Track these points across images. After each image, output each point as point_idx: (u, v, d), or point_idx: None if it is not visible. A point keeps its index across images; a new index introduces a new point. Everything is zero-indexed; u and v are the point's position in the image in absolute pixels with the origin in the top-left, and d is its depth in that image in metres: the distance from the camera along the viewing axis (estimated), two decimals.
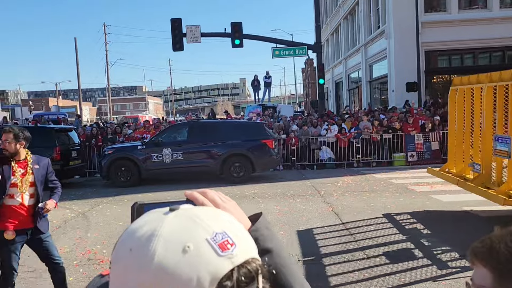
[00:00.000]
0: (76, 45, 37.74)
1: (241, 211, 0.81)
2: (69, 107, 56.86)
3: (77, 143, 13.42)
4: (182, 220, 0.62)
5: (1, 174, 4.04)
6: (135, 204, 0.79)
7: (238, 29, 18.54)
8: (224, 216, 0.67)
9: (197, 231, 0.60)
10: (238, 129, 12.73)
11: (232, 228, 0.64)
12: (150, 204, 0.78)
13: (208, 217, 0.63)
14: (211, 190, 0.81)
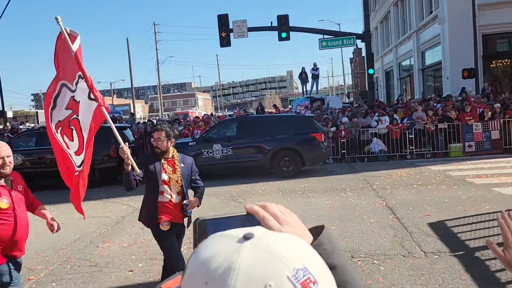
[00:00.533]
0: (128, 46, 39.04)
1: (302, 225, 0.78)
2: (123, 105, 59.01)
3: (131, 140, 13.91)
4: (259, 251, 0.57)
5: (153, 171, 4.24)
6: (197, 220, 0.79)
7: (285, 22, 18.42)
8: (302, 246, 0.62)
9: (277, 266, 0.55)
10: (287, 123, 12.69)
11: (312, 261, 0.59)
12: (213, 220, 0.77)
13: (286, 248, 0.58)
14: (271, 203, 0.78)
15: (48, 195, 11.36)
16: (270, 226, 0.73)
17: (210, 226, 0.77)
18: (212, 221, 0.77)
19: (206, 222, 0.77)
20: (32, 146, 12.77)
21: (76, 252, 6.26)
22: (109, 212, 8.92)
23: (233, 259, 0.56)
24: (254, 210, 0.75)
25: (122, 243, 6.58)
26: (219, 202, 9.15)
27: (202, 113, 35.77)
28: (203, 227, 0.77)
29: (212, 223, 0.77)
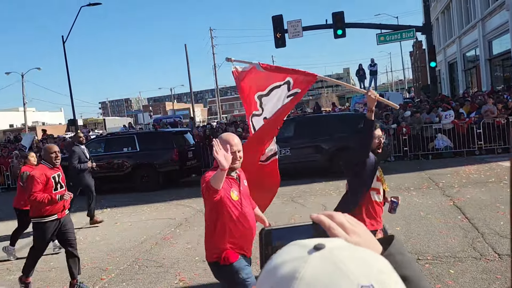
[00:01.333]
0: (187, 52, 40.19)
1: (370, 235, 0.75)
2: (183, 109, 60.82)
3: (192, 144, 14.29)
4: (326, 264, 0.57)
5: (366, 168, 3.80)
6: (262, 230, 0.79)
7: (340, 19, 18.12)
8: (374, 262, 0.60)
9: (340, 281, 0.55)
10: (345, 122, 12.46)
11: (382, 279, 0.56)
12: (278, 229, 0.77)
13: (355, 264, 0.57)
14: (338, 213, 0.76)
15: (115, 198, 11.95)
16: (337, 236, 0.72)
17: (275, 235, 0.77)
18: (277, 230, 0.77)
19: (271, 232, 0.77)
20: (101, 152, 13.46)
21: (143, 253, 6.52)
22: (173, 214, 9.21)
23: (299, 268, 0.57)
24: (320, 220, 0.73)
25: (186, 244, 6.76)
26: (279, 203, 9.16)
27: None
28: (268, 237, 0.77)
29: (277, 232, 0.77)
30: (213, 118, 53.61)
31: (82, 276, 5.75)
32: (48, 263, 6.54)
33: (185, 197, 10.91)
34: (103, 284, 5.44)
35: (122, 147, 13.24)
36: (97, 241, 7.57)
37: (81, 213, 10.35)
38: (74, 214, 10.28)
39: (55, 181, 5.43)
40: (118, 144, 13.45)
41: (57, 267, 6.32)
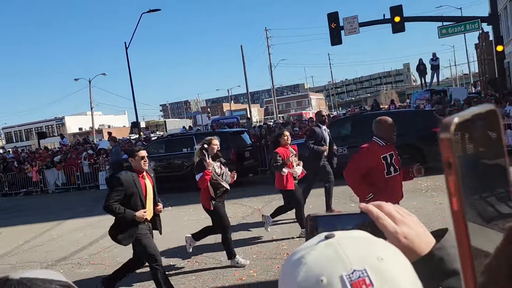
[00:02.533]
0: (243, 53, 40.67)
1: (422, 227, 0.74)
2: (239, 110, 61.68)
3: (249, 143, 14.46)
4: (329, 250, 0.59)
5: None
6: (308, 216, 0.81)
7: (399, 13, 17.57)
8: (377, 251, 0.60)
9: (335, 264, 0.57)
10: (405, 119, 12.05)
11: (377, 266, 0.57)
12: (323, 217, 0.79)
13: (354, 250, 0.59)
14: (387, 203, 0.75)
15: (176, 196, 12.35)
16: (385, 226, 0.71)
17: (320, 222, 0.78)
18: (323, 217, 0.78)
19: (317, 219, 0.79)
20: (162, 152, 14.00)
21: (203, 250, 6.71)
22: (231, 212, 9.36)
23: (306, 254, 0.60)
24: (368, 209, 0.73)
25: (244, 243, 6.87)
26: (335, 201, 9.05)
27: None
28: (313, 223, 0.78)
29: (323, 219, 0.78)
30: (270, 118, 53.84)
31: (145, 271, 6.02)
32: (115, 259, 6.88)
33: (242, 196, 11.06)
34: None
35: (181, 148, 13.68)
36: (160, 238, 7.86)
37: None
38: None
39: (386, 162, 4.69)
40: (178, 144, 13.92)
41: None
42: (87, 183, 17.83)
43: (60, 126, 69.30)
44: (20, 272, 0.71)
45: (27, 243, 8.75)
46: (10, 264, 7.33)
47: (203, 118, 39.14)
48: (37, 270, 0.73)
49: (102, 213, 11.58)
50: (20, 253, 8.01)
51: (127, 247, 7.43)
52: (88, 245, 7.99)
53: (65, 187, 18.28)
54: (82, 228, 9.68)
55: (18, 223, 11.36)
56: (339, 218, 0.76)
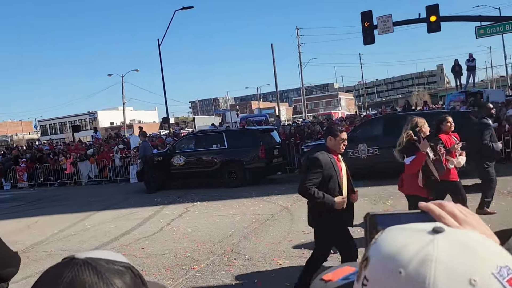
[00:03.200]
0: (273, 51, 40.61)
1: (485, 226, 0.71)
2: (268, 108, 61.64)
3: (278, 142, 14.45)
4: (456, 246, 0.56)
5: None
6: (367, 214, 0.79)
7: (435, 12, 17.15)
8: (497, 245, 0.59)
9: (479, 262, 0.54)
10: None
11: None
12: (384, 215, 0.77)
13: (483, 245, 0.57)
14: (449, 202, 0.73)
15: (205, 192, 12.48)
16: (448, 225, 0.68)
17: (379, 220, 0.77)
18: (382, 216, 0.77)
19: (376, 217, 0.77)
20: (192, 148, 14.16)
21: (231, 246, 6.75)
22: (259, 210, 9.39)
23: (428, 251, 0.56)
24: (430, 208, 0.71)
25: (272, 240, 6.87)
26: (367, 202, 8.93)
27: (345, 113, 35.33)
28: (373, 222, 0.77)
29: (382, 218, 0.77)
30: (298, 117, 53.60)
31: (174, 264, 6.10)
32: (145, 251, 7.02)
33: (271, 194, 11.07)
34: (194, 273, 5.72)
35: (211, 144, 13.80)
36: (189, 232, 7.97)
37: (173, 205, 10.98)
38: (167, 206, 10.95)
39: None
40: (207, 141, 14.04)
41: (153, 254, 6.76)
42: (118, 176, 18.23)
43: (92, 120, 71.06)
44: (85, 253, 0.74)
45: (61, 232, 9.02)
46: (45, 251, 7.57)
47: (232, 115, 39.28)
48: (100, 250, 0.75)
49: (133, 205, 11.86)
50: (54, 242, 8.26)
51: (157, 239, 7.57)
52: (119, 236, 8.16)
53: (97, 179, 18.74)
54: (113, 219, 9.90)
55: (53, 213, 11.72)
56: (399, 217, 0.75)
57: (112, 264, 0.71)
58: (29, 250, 7.74)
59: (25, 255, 7.39)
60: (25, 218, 11.28)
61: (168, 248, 6.97)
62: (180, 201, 11.59)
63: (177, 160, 13.97)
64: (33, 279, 5.12)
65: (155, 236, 7.92)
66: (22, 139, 67.50)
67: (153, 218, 9.58)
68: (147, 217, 9.77)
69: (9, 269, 2.28)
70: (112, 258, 0.72)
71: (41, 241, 8.36)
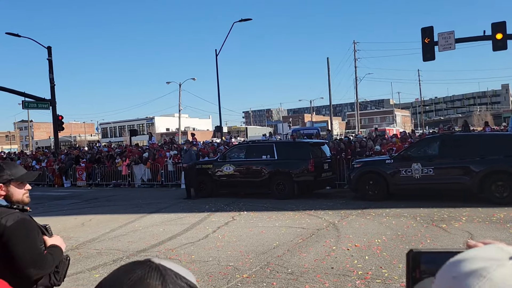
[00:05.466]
0: (329, 65, 40.36)
1: None
2: (321, 122, 61.14)
3: (328, 156, 14.28)
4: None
5: None
6: (411, 251, 0.77)
7: (501, 30, 16.38)
8: None
9: None
10: (501, 143, 11.16)
11: None
12: (428, 253, 0.74)
13: None
14: (496, 241, 0.70)
15: (253, 202, 12.53)
16: None
17: (424, 259, 0.74)
18: (426, 254, 0.74)
19: (420, 255, 0.75)
20: (242, 157, 14.30)
21: (275, 258, 6.71)
22: (305, 224, 9.30)
23: (489, 269, 0.55)
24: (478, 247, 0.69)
25: (316, 255, 6.77)
26: (417, 225, 8.59)
27: (400, 130, 34.31)
28: (416, 259, 0.74)
29: (426, 256, 0.74)
30: (351, 132, 52.73)
31: (217, 272, 6.16)
32: (190, 256, 7.13)
33: (318, 208, 10.93)
34: (236, 283, 5.74)
35: (261, 155, 13.86)
36: (234, 241, 8.03)
37: (220, 213, 11.11)
38: (214, 213, 11.10)
39: None
40: (258, 151, 14.13)
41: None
42: (170, 181, 18.74)
43: (150, 125, 73.71)
44: (162, 260, 0.78)
45: (112, 232, 9.38)
46: (96, 249, 7.89)
47: (284, 127, 39.36)
48: (177, 264, 0.79)
49: (181, 211, 12.13)
50: (105, 241, 8.61)
51: (202, 246, 7.68)
52: (166, 240, 8.36)
53: (150, 182, 19.36)
54: (162, 223, 10.17)
55: (106, 212, 12.23)
56: (443, 255, 0.71)
57: (180, 279, 0.74)
58: (82, 247, 8.10)
59: (77, 252, 7.76)
60: (81, 215, 11.85)
61: (212, 255, 7.05)
62: (227, 209, 11.71)
63: (226, 169, 14.15)
64: (83, 275, 5.39)
65: (200, 242, 8.04)
66: (84, 140, 71.28)
67: (199, 225, 9.75)
68: (194, 223, 9.95)
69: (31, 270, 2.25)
70: (183, 274, 0.76)
71: (93, 239, 8.74)
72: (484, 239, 0.72)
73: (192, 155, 15.04)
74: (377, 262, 6.26)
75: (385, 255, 6.55)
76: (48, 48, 26.48)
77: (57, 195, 17.86)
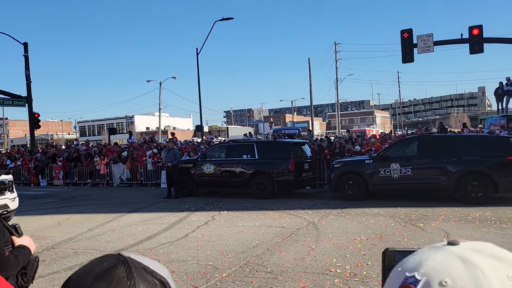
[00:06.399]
0: (310, 66, 40.59)
1: None
2: (302, 122, 61.47)
3: (309, 156, 14.34)
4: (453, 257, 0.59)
5: None
6: (386, 250, 0.77)
7: (478, 33, 16.72)
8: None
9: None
10: (477, 144, 11.39)
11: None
12: (403, 252, 0.74)
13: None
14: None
15: (233, 201, 12.50)
16: None
17: (398, 257, 0.73)
18: (401, 253, 0.74)
19: (395, 253, 0.75)
20: (222, 157, 14.24)
21: (254, 258, 6.70)
22: (285, 223, 9.31)
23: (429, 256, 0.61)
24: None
25: (296, 254, 6.78)
26: (395, 224, 8.70)
27: (380, 131, 34.75)
28: (391, 258, 0.74)
29: (402, 255, 0.73)
30: (331, 132, 53.16)
31: (196, 271, 6.11)
32: (169, 256, 7.06)
33: (298, 208, 10.97)
34: (215, 282, 5.70)
35: (242, 154, 13.84)
36: (213, 240, 7.99)
37: (200, 212, 11.04)
38: (194, 212, 11.03)
39: None
40: (238, 151, 14.09)
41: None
42: (149, 180, 18.55)
43: (129, 124, 72.87)
44: (132, 254, 0.76)
45: (90, 231, 9.22)
46: (73, 249, 7.74)
47: (265, 127, 39.38)
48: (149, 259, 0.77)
49: (161, 210, 12.02)
50: (82, 240, 8.45)
51: (181, 245, 7.62)
52: (145, 240, 8.27)
53: (129, 182, 19.12)
54: (141, 222, 10.05)
55: (83, 212, 12.02)
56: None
57: (147, 273, 0.73)
58: (58, 247, 7.94)
59: (53, 251, 7.60)
60: (57, 215, 11.62)
61: (192, 255, 7.00)
62: (207, 208, 11.65)
63: (207, 168, 14.08)
64: (59, 275, 5.26)
65: (179, 242, 7.97)
66: (61, 138, 69.97)
67: (179, 224, 9.66)
68: (173, 222, 9.87)
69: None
70: (153, 268, 0.74)
71: (70, 239, 8.57)
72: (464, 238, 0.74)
73: (177, 154, 14.92)
74: (355, 260, 6.31)
75: (363, 254, 6.61)
76: (25, 44, 25.94)
77: (33, 194, 17.48)
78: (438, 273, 0.56)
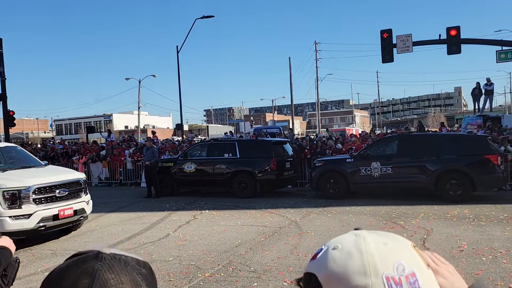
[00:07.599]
0: (290, 65, 40.70)
1: (457, 276, 0.78)
2: (282, 121, 61.65)
3: (290, 154, 14.34)
4: (350, 239, 0.77)
5: None
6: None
7: (456, 34, 17.01)
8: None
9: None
10: (456, 143, 11.59)
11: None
12: None
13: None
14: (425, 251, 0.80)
15: (215, 201, 12.41)
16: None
17: None
18: None
19: None
20: (204, 156, 14.13)
21: (237, 257, 6.65)
22: (268, 222, 9.29)
23: (336, 241, 0.79)
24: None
25: (279, 253, 6.76)
26: (376, 222, 8.78)
27: (360, 130, 35.11)
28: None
29: None
30: (312, 131, 53.47)
31: (178, 271, 6.03)
32: (150, 256, 6.95)
33: (280, 207, 10.97)
34: (198, 282, 5.64)
35: (223, 153, 13.74)
36: (195, 240, 7.90)
37: (181, 212, 10.93)
38: (175, 212, 10.91)
39: None
40: (220, 149, 14.00)
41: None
42: (129, 179, 18.28)
43: (107, 122, 71.80)
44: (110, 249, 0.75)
45: (68, 232, 9.01)
46: (50, 250, 7.56)
47: (246, 126, 39.32)
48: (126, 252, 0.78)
49: (141, 210, 11.85)
50: (61, 241, 8.26)
51: (163, 245, 7.51)
52: (125, 240, 8.13)
53: (108, 181, 18.80)
54: (121, 222, 9.88)
55: None
56: None
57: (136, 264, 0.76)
58: (35, 248, 7.74)
59: (30, 253, 7.40)
60: None
61: (173, 254, 6.91)
62: (188, 208, 11.54)
63: (188, 167, 13.95)
64: (36, 276, 5.10)
65: (161, 241, 7.87)
66: (37, 137, 68.42)
67: (160, 224, 9.54)
68: (154, 222, 9.73)
69: None
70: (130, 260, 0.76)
71: (47, 240, 8.36)
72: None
73: (155, 152, 14.70)
74: None
75: None
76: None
77: None
78: (335, 242, 0.76)
